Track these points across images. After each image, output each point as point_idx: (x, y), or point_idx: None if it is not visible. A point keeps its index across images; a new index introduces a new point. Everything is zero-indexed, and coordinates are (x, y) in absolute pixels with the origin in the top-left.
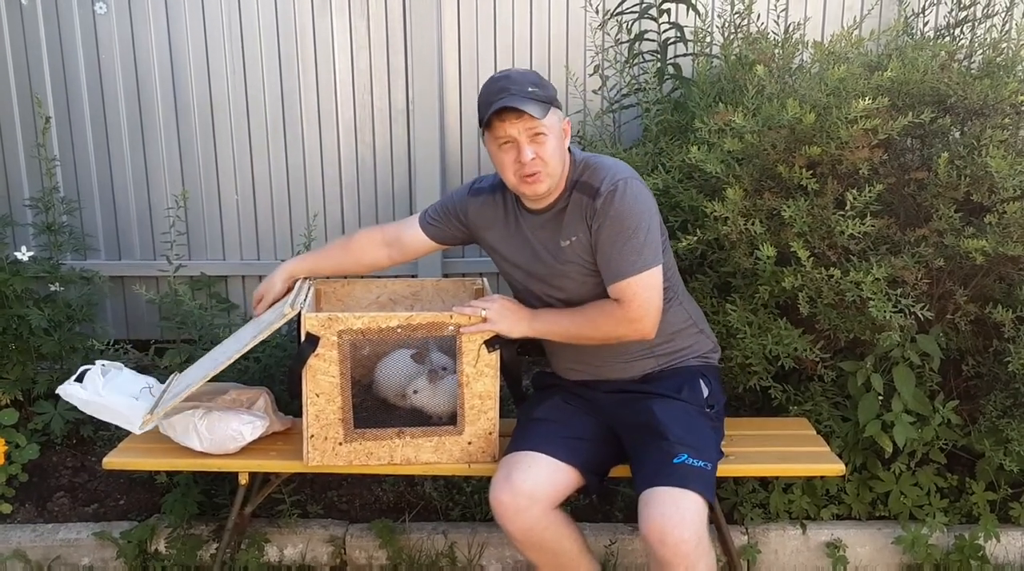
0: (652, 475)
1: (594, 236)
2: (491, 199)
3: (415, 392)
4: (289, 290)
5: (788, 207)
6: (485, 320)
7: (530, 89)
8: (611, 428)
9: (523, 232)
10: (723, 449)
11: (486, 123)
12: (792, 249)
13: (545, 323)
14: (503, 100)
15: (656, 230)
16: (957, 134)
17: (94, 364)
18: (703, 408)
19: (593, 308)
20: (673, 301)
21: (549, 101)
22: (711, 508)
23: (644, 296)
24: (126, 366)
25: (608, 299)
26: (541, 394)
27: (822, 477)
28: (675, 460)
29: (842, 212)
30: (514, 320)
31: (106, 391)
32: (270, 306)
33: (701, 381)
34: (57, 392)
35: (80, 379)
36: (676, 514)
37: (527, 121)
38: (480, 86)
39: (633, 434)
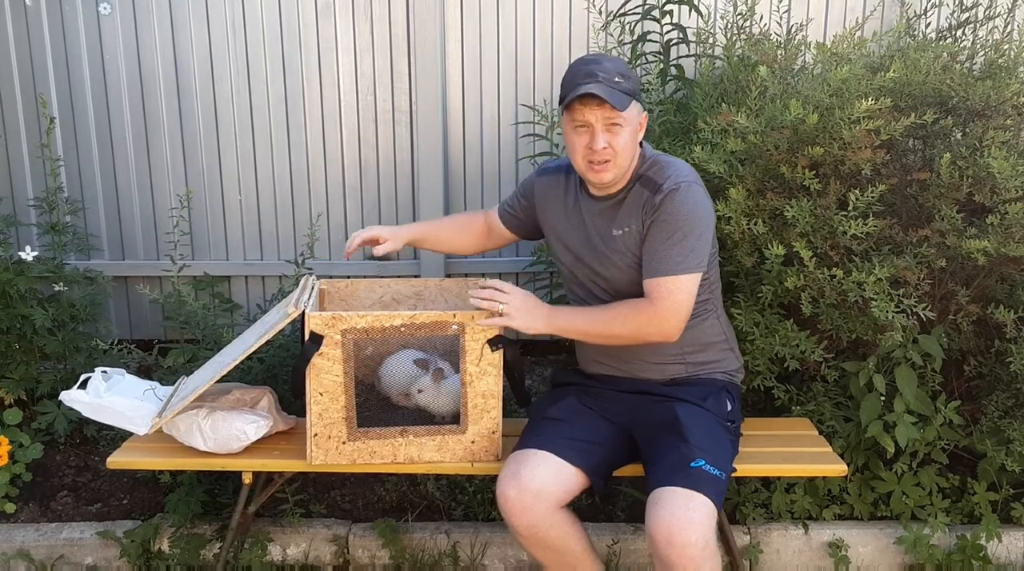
0: (666, 475)
1: (646, 229)
2: (556, 179)
3: (419, 391)
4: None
5: (791, 207)
6: (502, 315)
7: (616, 79)
8: (624, 430)
9: (581, 214)
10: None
11: (566, 104)
12: (795, 249)
13: (563, 321)
14: (588, 86)
15: (706, 239)
16: (959, 135)
17: (95, 370)
18: (725, 421)
19: (620, 304)
20: (711, 314)
21: (632, 94)
22: None
23: (677, 297)
24: (129, 365)
25: (639, 298)
26: (556, 392)
27: (824, 477)
28: (692, 464)
29: (844, 212)
30: (531, 317)
31: (109, 395)
32: (382, 256)
33: (725, 396)
34: (60, 398)
35: (83, 386)
36: (685, 516)
37: (607, 110)
38: (482, 87)
39: (652, 434)
